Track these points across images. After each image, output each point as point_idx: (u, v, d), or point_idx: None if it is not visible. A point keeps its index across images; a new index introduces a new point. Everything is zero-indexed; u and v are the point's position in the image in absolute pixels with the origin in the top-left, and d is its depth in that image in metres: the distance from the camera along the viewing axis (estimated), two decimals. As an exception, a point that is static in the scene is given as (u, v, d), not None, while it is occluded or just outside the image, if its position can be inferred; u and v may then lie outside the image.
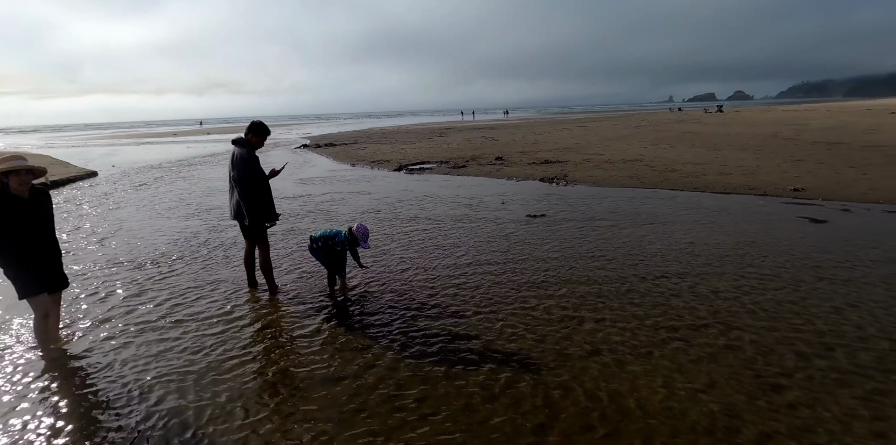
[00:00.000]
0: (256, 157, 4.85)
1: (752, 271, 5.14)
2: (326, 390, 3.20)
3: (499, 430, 2.74)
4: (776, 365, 3.29)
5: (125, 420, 2.94)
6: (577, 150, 18.50)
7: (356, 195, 10.71)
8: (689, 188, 10.11)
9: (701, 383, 3.11)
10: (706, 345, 3.60)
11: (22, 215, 3.44)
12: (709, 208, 8.31)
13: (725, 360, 3.37)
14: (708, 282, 4.86)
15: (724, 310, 4.20)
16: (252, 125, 4.93)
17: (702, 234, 6.65)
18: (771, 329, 3.81)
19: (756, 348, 3.53)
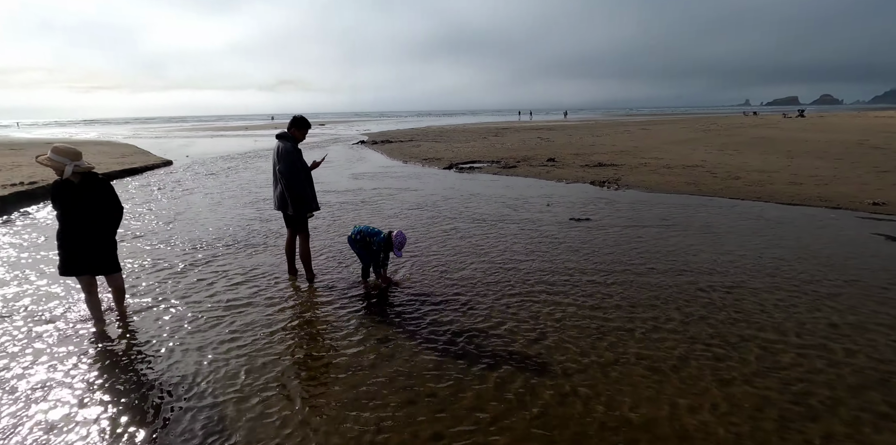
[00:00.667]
0: (299, 150, 5.07)
1: (809, 288, 4.77)
2: (342, 375, 3.31)
3: (507, 430, 2.73)
4: (812, 395, 3.04)
5: (154, 375, 3.19)
6: (635, 153, 17.82)
7: (403, 192, 10.91)
8: (751, 197, 9.49)
9: (720, 406, 2.94)
10: (743, 362, 3.39)
11: (69, 199, 3.80)
12: (770, 219, 7.77)
13: (758, 383, 3.16)
14: (755, 297, 4.56)
15: (768, 327, 3.93)
16: (295, 120, 5.16)
17: (758, 246, 6.23)
18: (815, 355, 3.52)
19: (793, 373, 3.28)
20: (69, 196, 3.85)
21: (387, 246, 4.93)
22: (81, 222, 3.90)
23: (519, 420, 2.82)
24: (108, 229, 4.07)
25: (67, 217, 3.87)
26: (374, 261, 5.06)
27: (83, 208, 3.88)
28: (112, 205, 4.04)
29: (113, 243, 4.15)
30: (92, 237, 3.96)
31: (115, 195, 4.08)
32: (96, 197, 3.94)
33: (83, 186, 3.89)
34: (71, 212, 3.86)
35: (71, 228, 3.89)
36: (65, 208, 3.85)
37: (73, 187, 3.86)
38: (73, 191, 3.86)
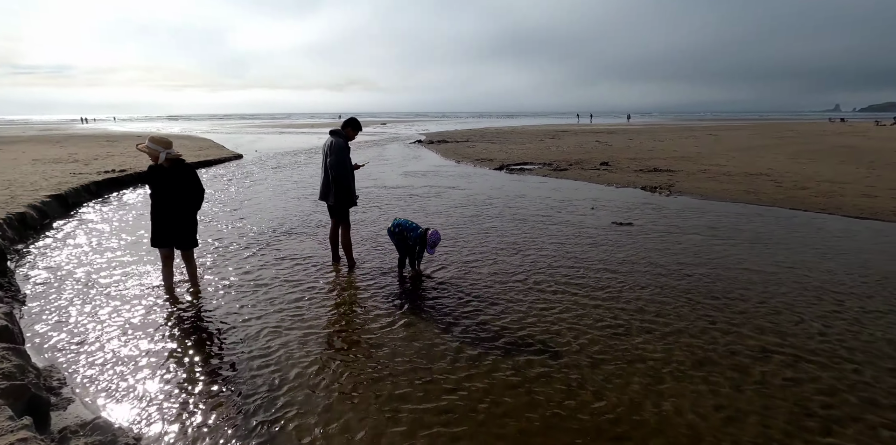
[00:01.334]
0: (349, 147, 5.49)
1: (855, 305, 4.57)
2: (366, 355, 3.64)
3: (508, 427, 2.95)
4: (836, 408, 3.00)
5: (212, 331, 3.66)
6: (697, 159, 17.16)
7: (451, 190, 11.22)
8: (815, 209, 8.97)
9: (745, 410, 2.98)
10: (769, 374, 3.38)
11: (160, 182, 4.41)
12: (830, 231, 7.36)
13: (781, 393, 3.13)
14: (792, 311, 4.42)
15: (799, 345, 3.85)
16: (350, 120, 5.59)
17: (809, 259, 5.97)
18: (852, 370, 3.42)
19: (819, 387, 3.23)
20: (161, 179, 4.46)
21: (421, 242, 5.23)
22: (170, 202, 4.51)
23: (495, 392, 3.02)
24: (192, 208, 4.66)
25: (159, 197, 4.49)
26: (409, 254, 5.38)
27: (172, 189, 4.49)
28: (195, 188, 4.62)
29: (195, 222, 4.75)
30: (178, 216, 4.57)
31: (198, 180, 4.66)
32: (183, 181, 4.54)
33: (173, 170, 4.50)
34: (162, 193, 4.48)
35: (161, 207, 4.51)
36: (157, 190, 4.47)
37: (164, 172, 4.47)
38: (165, 175, 4.47)
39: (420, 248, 5.28)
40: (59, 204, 8.34)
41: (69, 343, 3.73)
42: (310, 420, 2.82)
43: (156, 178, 4.47)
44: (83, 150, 20.03)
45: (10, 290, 4.56)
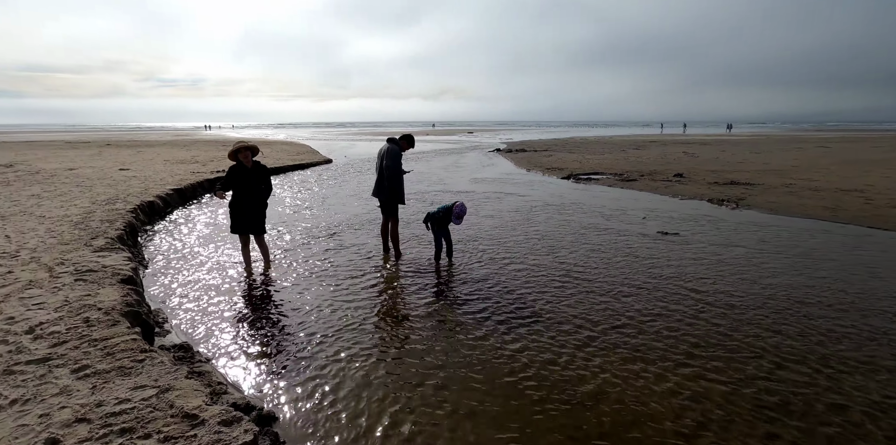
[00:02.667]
0: (401, 154, 6.38)
1: (881, 327, 4.52)
2: (394, 322, 4.43)
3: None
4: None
5: (278, 303, 4.67)
6: (787, 173, 16.06)
7: (510, 196, 11.79)
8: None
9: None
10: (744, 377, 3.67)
11: (244, 179, 5.55)
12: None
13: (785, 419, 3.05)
14: (812, 333, 4.45)
15: (803, 385, 4.01)
16: (406, 136, 6.58)
17: (853, 277, 5.80)
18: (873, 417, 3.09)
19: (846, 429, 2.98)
20: (243, 177, 5.62)
21: (446, 214, 5.96)
22: (248, 195, 5.66)
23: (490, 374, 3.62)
24: (263, 201, 5.79)
25: (240, 192, 5.65)
26: (446, 241, 6.13)
27: (251, 185, 5.64)
28: (267, 185, 5.76)
29: (264, 213, 5.88)
30: (252, 207, 5.71)
31: (269, 178, 5.80)
32: (260, 178, 5.68)
33: (254, 170, 5.66)
34: (242, 188, 5.63)
35: (240, 200, 5.67)
36: (239, 185, 5.62)
37: (247, 170, 5.63)
38: (247, 173, 5.62)
39: (445, 218, 6.00)
40: (179, 196, 10.20)
41: (172, 296, 4.95)
42: (335, 360, 3.67)
43: (239, 176, 5.60)
44: (203, 153, 23.27)
45: (137, 256, 5.99)
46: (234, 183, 5.60)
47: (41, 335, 3.03)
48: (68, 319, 3.30)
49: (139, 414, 2.21)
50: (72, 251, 5.09)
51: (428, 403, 3.15)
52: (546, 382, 3.44)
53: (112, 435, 2.06)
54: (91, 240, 5.58)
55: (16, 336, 3.01)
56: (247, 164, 5.58)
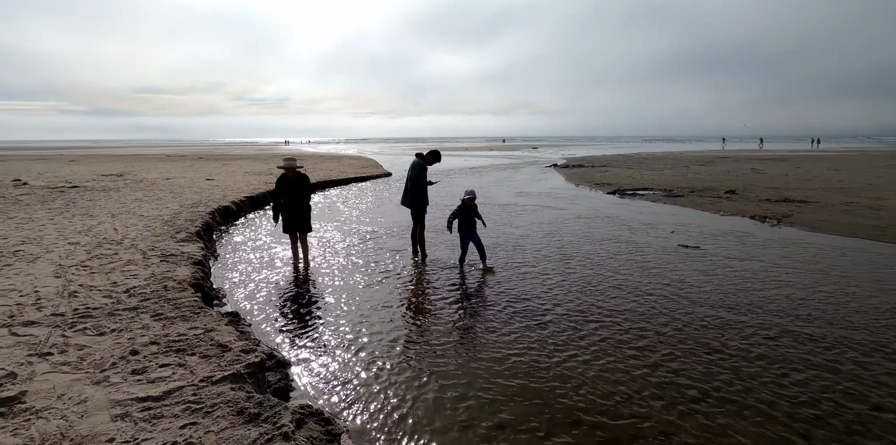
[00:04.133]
0: (426, 168, 7.30)
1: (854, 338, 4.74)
2: (416, 310, 5.28)
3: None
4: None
5: (320, 290, 5.68)
6: (856, 191, 15.20)
7: (547, 209, 12.32)
8: None
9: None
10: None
11: (289, 188, 6.68)
12: None
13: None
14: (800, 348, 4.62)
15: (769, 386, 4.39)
16: (433, 152, 7.50)
17: (858, 292, 5.87)
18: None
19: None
20: (289, 185, 6.78)
21: (464, 207, 6.65)
22: (294, 201, 6.80)
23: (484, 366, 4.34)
24: (307, 205, 6.92)
25: (287, 198, 6.82)
26: (476, 244, 6.83)
27: (295, 192, 6.79)
28: (309, 191, 6.89)
29: (308, 214, 7.00)
30: (299, 211, 6.84)
31: (310, 186, 6.93)
32: (302, 186, 6.82)
33: (297, 179, 6.81)
34: (289, 195, 6.80)
35: (288, 204, 6.82)
36: (285, 193, 6.79)
37: (291, 180, 6.80)
38: (291, 182, 6.79)
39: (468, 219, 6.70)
40: (251, 203, 11.79)
41: (232, 279, 6.13)
42: (351, 332, 4.58)
43: (286, 185, 6.76)
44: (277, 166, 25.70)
45: (210, 248, 7.33)
46: (281, 190, 6.79)
47: (133, 293, 4.20)
48: (153, 285, 4.47)
49: (190, 342, 3.21)
50: (161, 241, 6.46)
51: (392, 353, 3.95)
52: (523, 362, 4.12)
53: (171, 352, 3.07)
54: (176, 234, 6.97)
55: (117, 294, 4.20)
56: (290, 175, 6.74)
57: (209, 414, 2.38)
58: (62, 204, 9.82)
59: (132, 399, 2.47)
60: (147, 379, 2.69)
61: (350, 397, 3.37)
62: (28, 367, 2.82)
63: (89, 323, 3.53)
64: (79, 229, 7.20)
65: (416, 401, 3.36)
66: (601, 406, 3.35)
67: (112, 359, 2.93)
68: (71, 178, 16.35)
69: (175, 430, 2.23)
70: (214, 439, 2.18)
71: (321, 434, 2.74)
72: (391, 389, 3.52)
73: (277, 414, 2.41)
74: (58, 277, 4.64)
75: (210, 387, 2.64)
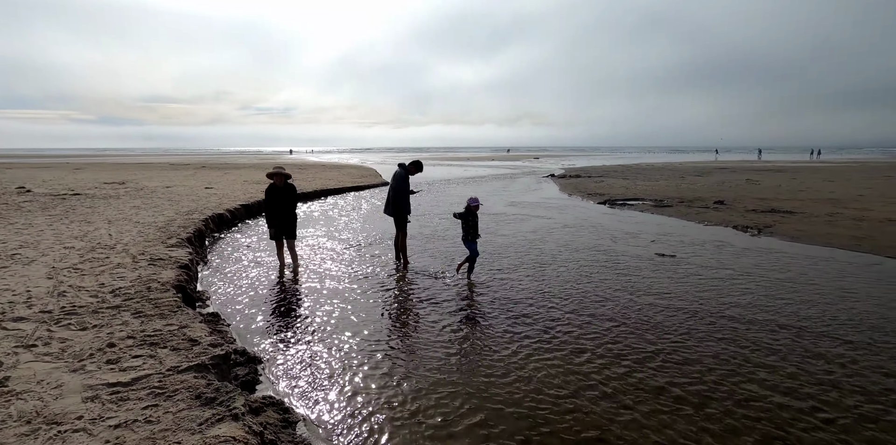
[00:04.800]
0: (408, 177, 7.60)
1: (826, 347, 4.97)
2: (393, 325, 5.55)
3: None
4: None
5: (304, 291, 5.96)
6: (844, 202, 15.40)
7: (536, 218, 12.59)
8: None
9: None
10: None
11: (277, 197, 7.00)
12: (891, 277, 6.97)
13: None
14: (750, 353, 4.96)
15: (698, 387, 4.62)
16: (415, 162, 7.80)
17: (819, 300, 6.09)
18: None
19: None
20: (277, 194, 7.10)
21: (466, 211, 6.93)
22: (280, 209, 7.11)
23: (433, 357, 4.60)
24: (293, 213, 7.22)
25: (273, 206, 7.12)
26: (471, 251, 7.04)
27: (282, 201, 7.09)
28: (295, 200, 7.19)
29: (294, 222, 7.29)
30: (285, 218, 7.15)
31: (296, 195, 7.23)
32: (289, 195, 7.13)
33: (284, 188, 7.13)
34: (276, 203, 7.10)
35: (275, 212, 7.12)
36: (273, 201, 7.10)
37: (279, 189, 7.11)
38: (279, 191, 7.10)
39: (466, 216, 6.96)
40: (245, 211, 12.13)
41: (218, 283, 6.42)
42: (322, 334, 4.84)
43: (274, 194, 7.07)
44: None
45: (200, 253, 7.64)
46: (269, 200, 7.10)
47: (118, 294, 4.49)
48: (137, 286, 4.77)
49: (163, 337, 3.49)
50: (152, 246, 6.77)
51: (360, 353, 4.21)
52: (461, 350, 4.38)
53: (145, 345, 3.35)
54: (167, 239, 7.28)
55: (103, 294, 4.49)
56: (279, 184, 7.05)
57: (170, 398, 2.65)
58: (62, 211, 10.18)
59: (103, 385, 2.75)
60: (119, 368, 2.97)
61: (311, 391, 3.63)
62: (13, 357, 3.10)
63: (74, 319, 3.82)
64: (75, 234, 7.52)
65: (374, 396, 3.62)
66: (516, 391, 3.60)
67: (90, 351, 3.22)
68: (74, 185, 16.79)
69: (137, 410, 2.50)
70: (171, 418, 2.44)
71: (277, 420, 3.00)
72: (353, 384, 3.77)
73: (231, 399, 2.68)
74: (50, 278, 4.94)
75: (175, 376, 2.91)
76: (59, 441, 2.21)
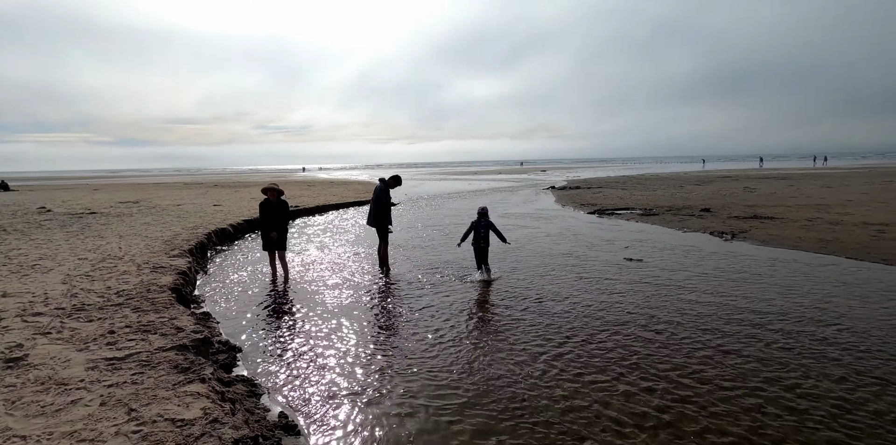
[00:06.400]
0: (388, 191, 8.31)
1: (775, 340, 5.49)
2: (365, 324, 6.21)
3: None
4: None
5: (290, 294, 6.65)
6: (829, 208, 15.76)
7: (521, 228, 13.20)
8: (893, 261, 8.45)
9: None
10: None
11: (270, 211, 7.74)
12: (848, 282, 7.28)
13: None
14: (703, 347, 5.60)
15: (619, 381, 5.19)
16: (394, 176, 8.54)
17: (764, 298, 6.58)
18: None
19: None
20: (269, 209, 7.84)
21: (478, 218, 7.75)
22: (273, 222, 7.85)
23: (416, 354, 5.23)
24: (284, 226, 7.95)
25: (266, 219, 7.86)
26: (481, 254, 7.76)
27: (274, 215, 7.84)
28: (286, 214, 7.93)
29: (285, 235, 8.02)
30: (276, 231, 7.88)
31: (288, 210, 7.98)
32: (281, 210, 7.88)
33: (277, 204, 7.88)
34: (269, 217, 7.84)
35: (267, 225, 7.86)
36: (266, 215, 7.85)
37: (272, 204, 7.86)
38: (272, 206, 7.85)
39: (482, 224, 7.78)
40: (248, 226, 12.95)
41: (214, 288, 7.14)
42: (303, 331, 5.51)
43: (267, 208, 7.82)
44: (287, 192, 27.08)
45: (201, 263, 8.40)
46: (262, 213, 7.84)
47: (122, 294, 5.23)
48: (139, 288, 5.50)
49: (155, 326, 4.18)
50: (156, 257, 7.54)
51: (328, 344, 4.85)
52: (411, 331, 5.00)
53: (139, 332, 4.05)
54: (170, 251, 8.07)
55: (108, 295, 5.23)
56: (272, 199, 7.81)
57: (154, 368, 3.32)
58: (78, 228, 11.09)
59: (102, 359, 3.43)
60: (116, 348, 3.66)
61: (280, 373, 4.28)
62: (32, 341, 3.81)
63: (82, 314, 4.54)
64: (89, 247, 8.35)
65: (333, 374, 4.26)
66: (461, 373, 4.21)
67: (94, 336, 3.91)
68: (91, 205, 17.87)
69: (127, 376, 3.17)
70: (153, 381, 3.11)
71: (244, 391, 3.65)
72: (319, 370, 4.41)
73: (202, 368, 3.34)
74: (64, 283, 5.70)
75: (161, 353, 3.59)
76: (65, 395, 2.88)
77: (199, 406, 2.75)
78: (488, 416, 3.54)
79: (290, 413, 3.50)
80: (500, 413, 3.61)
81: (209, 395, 2.93)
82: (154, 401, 2.83)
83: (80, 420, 2.62)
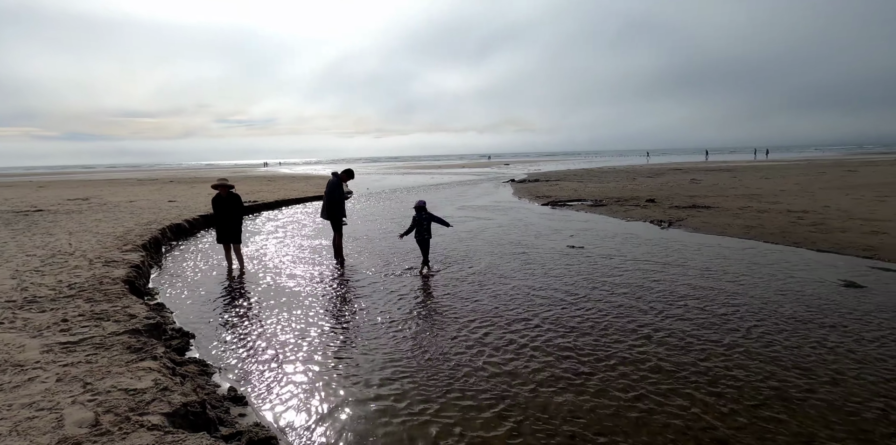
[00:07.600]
0: (341, 184, 8.61)
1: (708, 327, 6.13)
2: (320, 311, 6.53)
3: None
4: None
5: (248, 287, 6.89)
6: (762, 197, 17.01)
7: (476, 220, 13.72)
8: (806, 245, 9.37)
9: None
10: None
11: (222, 206, 7.93)
12: (765, 263, 7.99)
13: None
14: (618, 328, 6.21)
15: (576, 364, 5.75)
16: (347, 170, 8.82)
17: (682, 279, 7.30)
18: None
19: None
20: (221, 203, 8.02)
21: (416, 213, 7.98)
22: (225, 216, 8.04)
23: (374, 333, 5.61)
24: (238, 220, 8.15)
25: (219, 214, 8.04)
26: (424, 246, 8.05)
27: (226, 209, 8.03)
28: (239, 208, 8.13)
29: (239, 228, 8.22)
30: (229, 224, 8.07)
31: (241, 204, 8.18)
32: (233, 204, 8.08)
33: (228, 198, 8.06)
34: (221, 211, 8.03)
35: (220, 219, 8.04)
36: (218, 209, 8.02)
37: (223, 199, 8.04)
38: (223, 200, 8.03)
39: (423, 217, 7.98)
40: (204, 221, 12.94)
41: (169, 281, 7.30)
42: (248, 316, 5.80)
43: (219, 203, 8.01)
44: (246, 187, 26.81)
45: (154, 258, 8.50)
46: (215, 208, 8.03)
47: (74, 287, 5.38)
48: (92, 281, 5.66)
49: (108, 314, 4.41)
50: (108, 252, 7.62)
51: (276, 328, 5.19)
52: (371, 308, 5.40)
53: (93, 319, 4.27)
54: (123, 246, 8.13)
55: (60, 288, 5.37)
56: (223, 194, 8.00)
57: (108, 349, 3.59)
58: (25, 225, 10.87)
59: (57, 343, 3.67)
60: (70, 333, 3.89)
61: (230, 354, 4.59)
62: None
63: (34, 306, 4.70)
64: (37, 244, 8.31)
65: (282, 355, 4.60)
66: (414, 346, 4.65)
67: (48, 324, 4.12)
68: (37, 202, 17.28)
69: (82, 356, 3.43)
70: (107, 360, 3.39)
71: (196, 370, 3.97)
72: (267, 349, 4.75)
73: (154, 348, 3.64)
74: (13, 278, 5.78)
75: (114, 337, 3.85)
76: (22, 374, 3.13)
77: (150, 378, 3.07)
78: (414, 382, 3.99)
79: (238, 388, 3.84)
80: (430, 378, 4.06)
81: (160, 370, 3.24)
82: (108, 376, 3.12)
83: (38, 393, 2.89)
